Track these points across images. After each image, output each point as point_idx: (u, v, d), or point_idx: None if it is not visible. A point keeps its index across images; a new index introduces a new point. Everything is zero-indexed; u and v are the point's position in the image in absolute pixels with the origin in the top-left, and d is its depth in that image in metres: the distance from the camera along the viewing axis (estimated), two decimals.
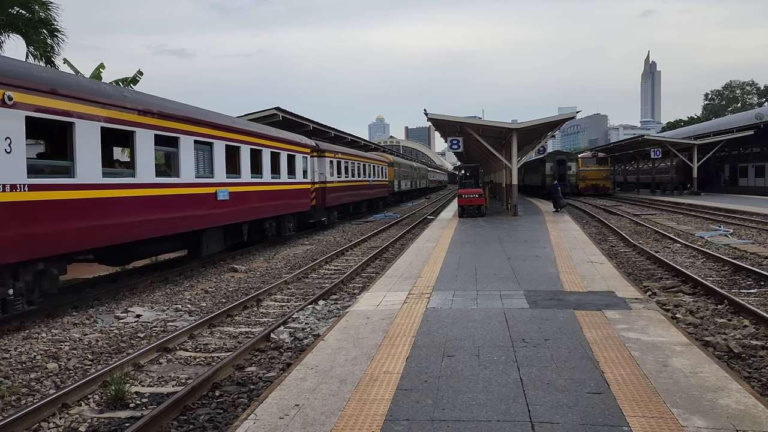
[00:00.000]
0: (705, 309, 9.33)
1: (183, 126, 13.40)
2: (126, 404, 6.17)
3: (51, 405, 5.90)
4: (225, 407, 6.01)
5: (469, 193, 25.73)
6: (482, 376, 5.46)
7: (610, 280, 10.08)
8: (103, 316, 10.04)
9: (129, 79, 23.63)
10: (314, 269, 14.59)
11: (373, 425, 4.46)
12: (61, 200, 9.54)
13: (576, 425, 4.36)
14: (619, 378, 5.29)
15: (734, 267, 12.73)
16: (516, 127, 24.36)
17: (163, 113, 12.61)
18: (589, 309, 7.95)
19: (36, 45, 20.24)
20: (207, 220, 14.59)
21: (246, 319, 9.87)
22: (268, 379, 6.76)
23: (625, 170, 68.18)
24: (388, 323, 7.51)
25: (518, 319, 7.50)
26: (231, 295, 11.92)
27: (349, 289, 11.98)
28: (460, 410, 4.69)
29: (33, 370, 7.32)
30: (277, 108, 26.30)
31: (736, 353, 7.11)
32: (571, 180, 51.49)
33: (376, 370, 5.73)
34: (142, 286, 12.73)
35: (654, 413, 4.53)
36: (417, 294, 9.30)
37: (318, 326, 8.74)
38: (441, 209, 36.85)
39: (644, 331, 6.84)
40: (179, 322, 9.70)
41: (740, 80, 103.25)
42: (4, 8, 19.57)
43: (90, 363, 7.64)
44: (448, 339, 6.70)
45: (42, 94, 9.10)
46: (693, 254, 15.23)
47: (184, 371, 7.25)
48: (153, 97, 12.93)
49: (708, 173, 54.40)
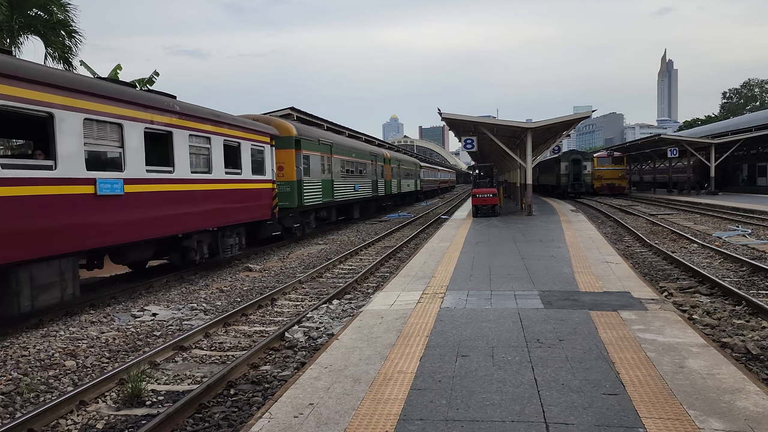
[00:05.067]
0: (722, 310, 9.22)
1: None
2: (142, 402, 6.23)
3: (69, 402, 5.98)
4: (240, 406, 6.06)
5: (483, 193, 25.65)
6: (496, 376, 5.44)
7: (625, 281, 10.00)
8: (120, 314, 10.15)
9: (146, 80, 23.86)
10: (328, 268, 14.63)
11: (387, 425, 4.47)
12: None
13: (591, 426, 4.34)
14: (635, 379, 5.25)
15: (752, 268, 12.57)
16: (530, 127, 24.23)
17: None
18: (604, 309, 7.90)
19: (54, 46, 20.51)
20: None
21: (261, 318, 9.92)
22: (283, 377, 6.80)
23: (641, 170, 67.56)
24: (402, 323, 7.51)
25: (533, 320, 7.47)
26: (246, 294, 11.99)
27: (363, 289, 12.00)
28: (474, 410, 4.68)
29: (51, 367, 7.42)
30: (292, 108, 26.42)
31: (754, 355, 7.02)
32: (586, 179, 51.15)
33: (390, 369, 5.73)
34: (158, 285, 12.85)
35: (670, 415, 4.49)
36: (431, 294, 9.29)
37: (332, 325, 8.77)
38: (455, 209, 36.75)
39: (660, 331, 6.78)
40: (195, 320, 9.77)
41: (759, 78, 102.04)
42: (23, 10, 19.84)
43: (107, 361, 7.73)
44: (462, 339, 6.69)
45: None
46: (710, 254, 15.06)
47: (200, 369, 7.30)
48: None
49: (726, 172, 53.74)
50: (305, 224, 21.90)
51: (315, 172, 22.15)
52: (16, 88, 8.50)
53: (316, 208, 22.67)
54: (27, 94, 8.70)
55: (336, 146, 25.44)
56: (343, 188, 26.42)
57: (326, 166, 23.89)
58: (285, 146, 19.82)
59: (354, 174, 28.58)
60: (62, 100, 9.37)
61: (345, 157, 27.00)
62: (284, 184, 19.63)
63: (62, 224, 9.35)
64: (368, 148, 33.50)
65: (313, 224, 22.72)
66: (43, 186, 9.00)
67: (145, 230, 11.54)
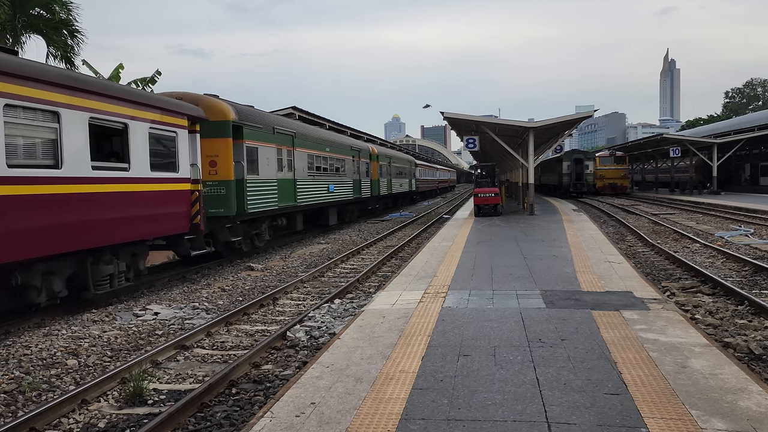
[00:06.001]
0: (725, 310, 9.20)
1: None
2: (144, 401, 6.24)
3: (71, 401, 5.98)
4: (242, 405, 6.06)
5: (485, 192, 25.65)
6: (498, 375, 5.44)
7: (627, 280, 9.98)
8: (122, 313, 10.16)
9: (147, 79, 23.88)
10: (330, 268, 14.64)
11: (389, 424, 4.46)
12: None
13: (593, 426, 4.33)
14: (637, 379, 5.24)
15: (755, 267, 12.54)
16: (532, 126, 24.22)
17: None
18: (606, 309, 7.89)
19: (56, 45, 20.54)
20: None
21: (262, 317, 9.93)
22: (285, 377, 6.80)
23: (644, 169, 67.47)
24: (404, 322, 7.51)
25: (534, 319, 7.46)
26: (247, 293, 11.99)
27: (365, 288, 12.00)
28: (476, 410, 4.68)
29: (53, 366, 7.42)
30: (294, 107, 26.51)
31: (757, 355, 7.01)
32: (588, 179, 51.09)
33: (392, 369, 5.73)
34: (160, 284, 12.86)
35: (672, 415, 4.48)
36: (433, 293, 9.28)
37: (334, 325, 8.77)
38: (457, 208, 36.75)
39: (663, 331, 6.77)
40: (196, 320, 9.78)
41: (761, 78, 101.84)
42: (26, 9, 19.88)
43: (109, 360, 7.74)
44: (463, 338, 6.68)
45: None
46: (713, 254, 15.04)
47: (202, 369, 7.31)
48: None
49: (728, 172, 53.66)
50: (254, 237, 17.21)
51: (267, 168, 17.26)
52: None
53: (270, 215, 17.89)
54: None
55: (301, 137, 20.59)
56: (312, 189, 21.58)
57: (285, 161, 18.93)
58: (218, 134, 14.95)
59: (328, 172, 23.78)
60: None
61: (314, 151, 22.08)
62: (217, 185, 14.96)
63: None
64: (349, 141, 28.71)
65: (266, 236, 17.96)
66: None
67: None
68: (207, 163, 14.76)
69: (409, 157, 49.21)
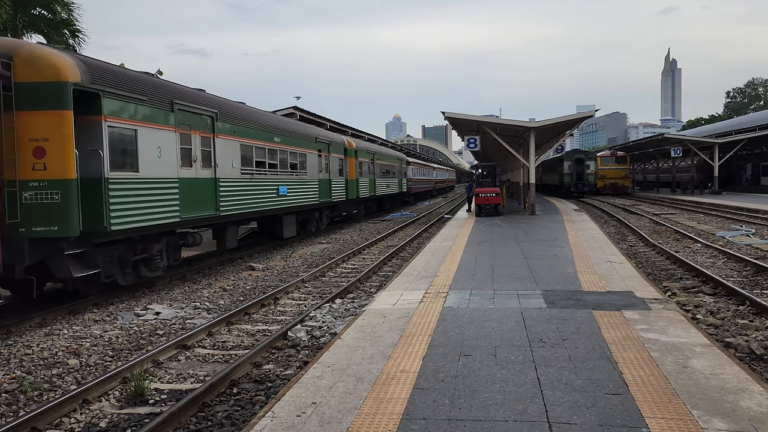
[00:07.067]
0: (726, 310, 9.20)
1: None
2: (145, 400, 6.24)
3: (72, 401, 5.99)
4: (243, 404, 6.07)
5: (486, 192, 25.65)
6: (499, 375, 5.44)
7: (629, 280, 9.98)
8: (123, 313, 10.17)
9: None
10: (331, 268, 14.64)
11: (390, 424, 4.47)
12: None
13: (594, 426, 4.33)
14: (638, 379, 5.24)
15: (756, 267, 12.53)
16: (534, 126, 24.21)
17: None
18: (607, 309, 7.88)
19: (57, 45, 20.55)
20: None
21: (263, 317, 9.93)
22: (286, 377, 6.80)
23: (645, 169, 67.40)
24: (405, 322, 7.51)
25: (536, 319, 7.46)
26: (249, 293, 12.00)
27: (366, 288, 12.01)
28: (477, 410, 4.68)
29: (55, 366, 7.43)
30: (295, 107, 26.53)
31: (758, 355, 7.00)
32: (589, 179, 51.05)
33: (393, 368, 5.73)
34: (161, 283, 12.86)
35: (673, 415, 4.48)
36: (434, 293, 9.28)
37: (335, 325, 8.77)
38: (458, 208, 36.74)
39: (664, 331, 6.77)
40: (198, 319, 9.79)
41: (763, 77, 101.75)
42: (27, 9, 19.90)
43: (110, 359, 7.75)
44: (464, 338, 6.68)
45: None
46: (714, 254, 15.02)
47: (203, 368, 7.31)
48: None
49: (729, 172, 53.60)
50: (138, 263, 11.71)
51: (156, 162, 11.72)
52: None
53: (167, 230, 12.39)
54: None
55: (228, 120, 14.89)
56: (249, 192, 15.99)
57: (199, 152, 13.42)
58: (48, 105, 9.40)
59: (278, 169, 18.13)
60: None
61: (253, 141, 16.34)
62: (46, 187, 9.44)
63: None
64: (313, 131, 22.79)
65: (163, 260, 12.44)
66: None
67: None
68: (29, 151, 9.36)
69: (399, 153, 43.05)
